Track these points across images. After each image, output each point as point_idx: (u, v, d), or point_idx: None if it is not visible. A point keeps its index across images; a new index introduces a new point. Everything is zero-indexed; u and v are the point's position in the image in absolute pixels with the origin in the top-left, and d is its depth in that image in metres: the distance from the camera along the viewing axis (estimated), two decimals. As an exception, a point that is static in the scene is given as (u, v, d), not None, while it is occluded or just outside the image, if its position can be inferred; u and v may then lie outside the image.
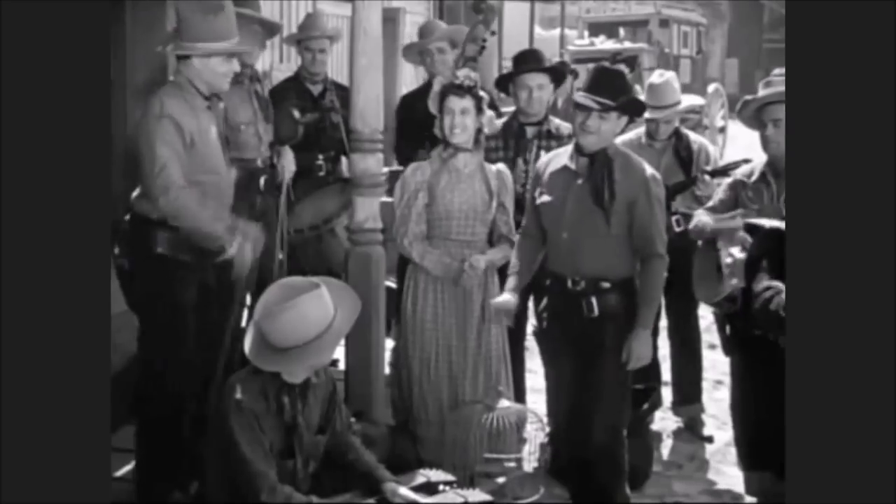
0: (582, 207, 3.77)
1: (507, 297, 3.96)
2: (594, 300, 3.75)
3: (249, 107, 4.67)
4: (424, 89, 5.26)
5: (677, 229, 4.84)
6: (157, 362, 3.71)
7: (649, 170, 3.84)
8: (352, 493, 3.39)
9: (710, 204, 4.19)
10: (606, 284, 3.75)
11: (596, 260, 3.76)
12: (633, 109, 3.88)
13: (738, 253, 3.77)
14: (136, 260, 3.67)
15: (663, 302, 5.05)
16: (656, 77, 5.20)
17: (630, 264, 3.81)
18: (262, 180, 4.61)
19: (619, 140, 5.08)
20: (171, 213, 3.58)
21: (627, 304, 3.77)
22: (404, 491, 3.35)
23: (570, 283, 3.81)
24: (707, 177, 4.69)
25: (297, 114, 4.85)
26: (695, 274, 4.13)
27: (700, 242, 4.14)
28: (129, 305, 3.83)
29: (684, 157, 4.92)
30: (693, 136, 5.09)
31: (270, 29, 5.01)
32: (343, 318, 3.33)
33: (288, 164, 4.80)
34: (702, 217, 4.07)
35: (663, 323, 5.15)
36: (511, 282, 4.00)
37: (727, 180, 4.22)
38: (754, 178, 4.00)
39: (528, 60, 4.74)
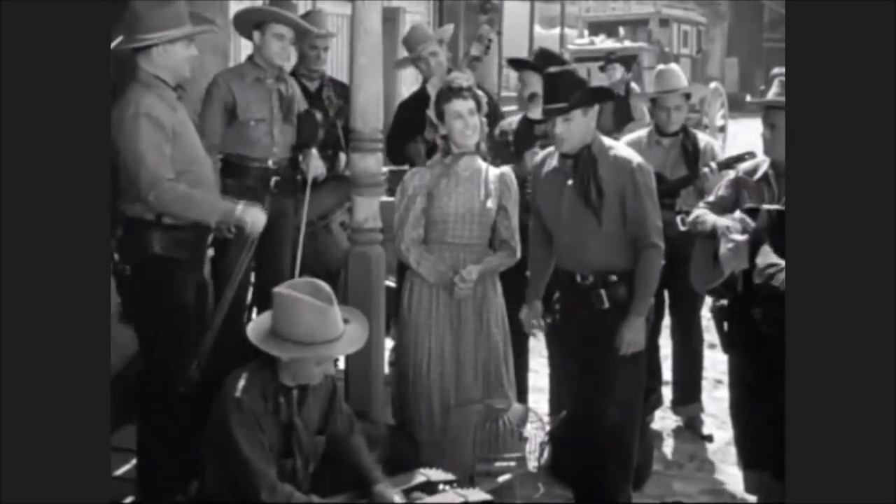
0: (575, 208, 3.82)
1: (526, 310, 4.10)
2: (603, 293, 3.82)
3: (267, 105, 4.66)
4: (420, 94, 5.26)
5: (682, 228, 4.83)
6: (162, 364, 3.68)
7: (635, 160, 3.83)
8: (348, 493, 3.39)
9: (711, 199, 4.20)
10: (614, 277, 3.81)
11: (598, 255, 3.82)
12: (590, 99, 3.81)
13: (739, 236, 3.78)
14: (134, 263, 3.63)
15: (666, 300, 5.07)
16: (662, 66, 5.42)
17: (632, 255, 3.84)
18: (272, 181, 4.61)
19: (624, 140, 5.12)
20: (162, 207, 3.56)
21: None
22: (394, 494, 3.34)
23: (578, 278, 3.87)
24: (708, 170, 4.72)
25: (319, 116, 4.86)
26: (692, 262, 4.14)
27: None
28: (125, 315, 3.78)
29: (690, 154, 4.94)
30: (701, 135, 5.14)
31: (303, 32, 4.93)
32: (342, 349, 3.40)
33: (314, 164, 4.78)
34: (705, 215, 4.08)
35: (665, 321, 5.16)
36: (528, 293, 4.12)
37: (729, 176, 4.24)
38: (757, 176, 4.01)
39: (536, 57, 4.77)
